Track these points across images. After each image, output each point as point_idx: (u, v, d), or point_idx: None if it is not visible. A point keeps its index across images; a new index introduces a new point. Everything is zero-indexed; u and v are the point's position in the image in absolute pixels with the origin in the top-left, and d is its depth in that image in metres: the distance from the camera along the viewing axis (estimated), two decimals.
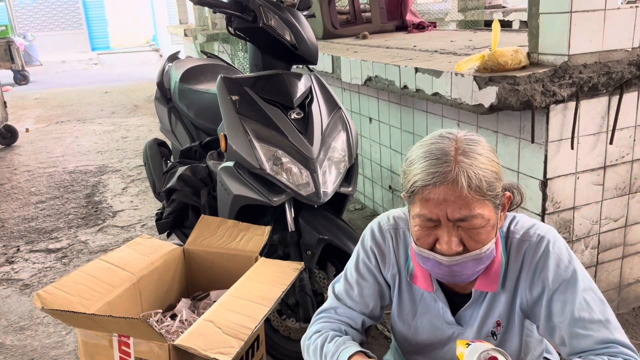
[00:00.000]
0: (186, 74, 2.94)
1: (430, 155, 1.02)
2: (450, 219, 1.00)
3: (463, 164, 0.99)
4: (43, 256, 3.27)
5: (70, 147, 5.91)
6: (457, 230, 1.02)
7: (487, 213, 1.01)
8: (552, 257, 1.10)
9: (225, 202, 2.04)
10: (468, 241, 1.02)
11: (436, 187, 0.99)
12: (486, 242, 1.03)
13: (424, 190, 1.01)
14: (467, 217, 1.00)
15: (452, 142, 1.02)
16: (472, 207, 0.99)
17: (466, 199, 0.98)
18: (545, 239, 1.11)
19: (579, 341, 1.07)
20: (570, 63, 1.85)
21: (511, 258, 1.14)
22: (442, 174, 0.98)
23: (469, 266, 1.05)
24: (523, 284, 1.13)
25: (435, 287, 1.19)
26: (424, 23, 4.25)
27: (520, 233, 1.14)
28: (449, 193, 0.98)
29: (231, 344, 1.34)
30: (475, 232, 1.02)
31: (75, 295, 1.53)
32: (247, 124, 1.95)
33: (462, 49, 2.73)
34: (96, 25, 18.71)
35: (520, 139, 2.05)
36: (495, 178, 1.02)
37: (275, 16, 2.04)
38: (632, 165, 2.13)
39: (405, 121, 2.89)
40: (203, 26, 7.93)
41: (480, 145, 1.04)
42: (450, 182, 0.98)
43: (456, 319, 1.20)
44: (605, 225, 2.15)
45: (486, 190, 1.00)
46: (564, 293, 1.08)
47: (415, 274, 1.21)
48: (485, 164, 1.01)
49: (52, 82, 11.48)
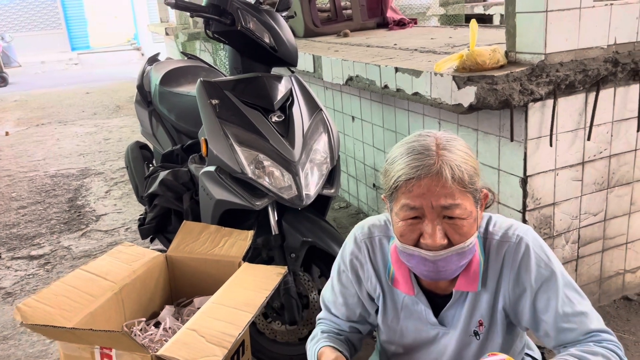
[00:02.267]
0: (166, 77, 2.92)
1: (413, 151, 1.04)
2: (435, 207, 1.02)
3: (445, 157, 1.02)
4: (25, 263, 3.23)
5: (51, 150, 5.84)
6: (441, 223, 1.04)
7: (468, 205, 1.04)
8: (532, 257, 1.13)
9: (208, 207, 2.03)
10: (452, 234, 1.04)
11: (420, 179, 1.01)
12: (469, 236, 1.05)
13: (407, 184, 1.03)
14: (451, 206, 1.02)
15: (432, 139, 1.06)
16: (455, 197, 1.02)
17: (450, 190, 1.01)
18: (524, 240, 1.14)
19: (565, 335, 1.12)
20: (547, 61, 1.87)
21: (491, 258, 1.16)
22: (426, 166, 1.01)
23: (453, 261, 1.06)
24: (505, 284, 1.15)
25: (416, 290, 1.19)
26: (405, 20, 4.26)
27: (499, 234, 1.16)
28: (433, 184, 1.01)
29: (215, 353, 1.34)
30: (459, 224, 1.04)
31: (56, 307, 1.51)
32: (227, 128, 1.94)
33: (441, 47, 2.74)
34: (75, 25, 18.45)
35: (500, 137, 2.07)
36: (474, 172, 1.06)
37: (253, 19, 2.03)
38: (609, 161, 2.16)
39: (387, 119, 2.90)
40: (184, 25, 7.87)
41: (458, 142, 1.08)
42: (434, 174, 1.01)
43: (439, 319, 1.21)
44: (584, 220, 2.18)
45: (467, 182, 1.03)
46: (547, 291, 1.12)
47: (396, 278, 1.22)
48: (465, 158, 1.05)
49: (31, 84, 11.32)
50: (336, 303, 1.33)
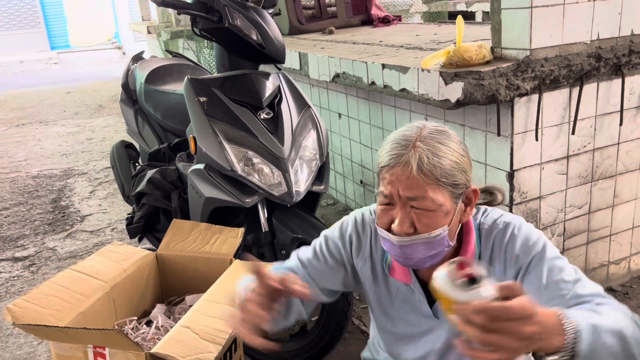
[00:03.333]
0: (151, 75, 2.89)
1: (394, 141, 1.09)
2: (401, 196, 1.06)
3: (419, 148, 1.05)
4: (10, 265, 3.18)
5: (33, 150, 5.76)
6: (409, 212, 1.06)
7: (440, 199, 1.05)
8: (519, 237, 1.14)
9: (197, 205, 2.02)
10: (418, 223, 1.06)
11: (392, 168, 1.06)
12: (436, 227, 1.06)
13: (382, 170, 1.08)
14: (417, 198, 1.05)
15: (417, 130, 1.09)
16: (422, 189, 1.04)
17: (415, 180, 1.04)
18: (511, 224, 1.16)
19: (560, 300, 1.08)
20: (532, 57, 1.90)
21: (482, 247, 1.18)
22: (398, 156, 1.06)
23: (420, 250, 1.08)
24: (497, 270, 1.16)
25: (413, 279, 1.21)
26: (389, 17, 4.28)
27: (488, 223, 1.19)
28: (400, 174, 1.05)
29: (209, 349, 1.34)
30: (426, 215, 1.06)
31: (47, 307, 1.50)
32: (216, 125, 1.94)
33: (427, 44, 2.76)
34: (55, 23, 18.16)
35: (487, 132, 2.10)
36: (455, 168, 1.06)
37: (240, 16, 2.02)
38: (593, 154, 2.20)
39: (374, 116, 2.92)
40: (166, 23, 7.81)
41: (445, 135, 1.09)
42: (402, 163, 1.05)
43: (433, 310, 1.23)
44: (570, 212, 2.22)
45: (440, 176, 1.04)
46: (537, 265, 1.11)
47: (393, 267, 1.23)
48: (444, 152, 1.06)
49: (10, 84, 11.13)
50: (313, 264, 1.30)
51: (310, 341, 2.03)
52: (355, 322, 2.35)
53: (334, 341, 2.02)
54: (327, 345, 2.01)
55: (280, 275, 1.05)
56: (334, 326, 1.99)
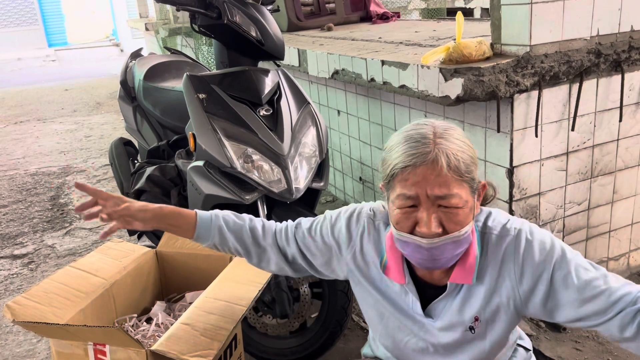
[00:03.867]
0: (150, 72, 2.89)
1: (410, 140, 1.05)
2: (430, 196, 1.02)
3: (442, 145, 1.03)
4: (9, 263, 3.18)
5: (31, 148, 5.75)
6: (436, 211, 1.04)
7: (464, 194, 1.04)
8: (535, 244, 1.12)
9: (197, 202, 2.02)
10: (447, 223, 1.04)
11: (416, 167, 1.02)
12: (464, 225, 1.05)
13: (403, 172, 1.03)
14: (446, 196, 1.02)
15: (430, 127, 1.07)
16: (450, 186, 1.02)
17: (445, 178, 1.01)
18: (523, 231, 1.14)
19: (594, 302, 1.07)
20: (532, 53, 1.89)
21: (489, 253, 1.15)
22: (422, 154, 1.02)
23: (448, 249, 1.06)
24: (510, 279, 1.14)
25: (407, 280, 1.19)
26: (388, 13, 4.28)
27: (497, 229, 1.16)
28: (428, 173, 1.01)
29: (209, 346, 1.34)
30: (454, 213, 1.04)
31: (47, 305, 1.50)
32: (215, 122, 1.93)
33: (426, 40, 2.76)
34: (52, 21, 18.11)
35: (486, 128, 2.10)
36: (472, 162, 1.06)
37: (239, 12, 2.02)
38: (592, 150, 2.20)
39: (373, 113, 2.91)
40: (164, 20, 7.79)
41: (456, 131, 1.08)
42: (430, 162, 1.01)
43: (426, 311, 1.21)
44: (569, 209, 2.22)
45: (464, 171, 1.03)
46: (563, 268, 1.09)
47: (389, 266, 1.21)
48: (462, 147, 1.05)
49: (8, 81, 11.10)
50: (304, 233, 1.32)
51: (310, 338, 2.03)
52: (355, 318, 2.35)
53: (333, 338, 2.02)
54: (327, 341, 2.02)
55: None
56: (334, 323, 1.99)
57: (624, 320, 1.05)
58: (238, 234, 1.33)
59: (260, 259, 1.35)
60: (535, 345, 2.02)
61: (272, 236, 1.35)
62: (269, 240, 1.34)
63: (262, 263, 1.36)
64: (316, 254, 1.31)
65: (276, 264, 1.35)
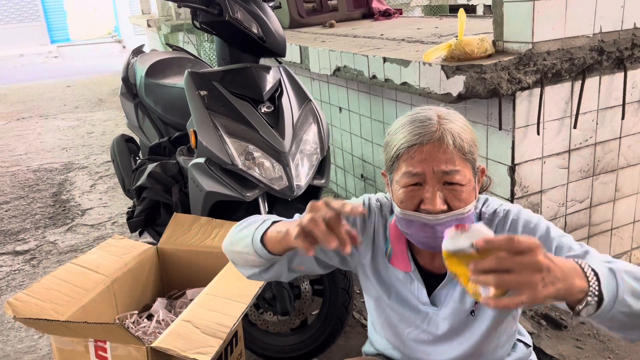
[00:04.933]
0: (152, 68, 2.88)
1: (415, 121, 1.08)
2: (436, 172, 1.05)
3: (446, 125, 1.06)
4: (10, 259, 3.19)
5: (33, 144, 5.75)
6: (441, 189, 1.06)
7: (467, 173, 1.08)
8: (520, 223, 1.15)
9: (198, 199, 2.02)
10: (451, 200, 1.07)
11: (422, 145, 1.05)
12: (468, 202, 1.08)
13: (409, 150, 1.06)
14: (452, 171, 1.05)
15: (433, 111, 1.11)
16: (456, 162, 1.05)
17: (451, 155, 1.05)
18: (511, 212, 1.17)
19: None
20: (535, 50, 1.89)
21: None
22: (429, 133, 1.05)
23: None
24: None
25: (412, 267, 1.21)
26: (390, 10, 4.26)
27: (489, 213, 1.20)
28: (435, 150, 1.04)
29: (210, 343, 1.34)
30: (459, 191, 1.06)
31: (48, 301, 1.50)
32: (217, 119, 1.93)
33: (428, 37, 2.75)
34: (55, 17, 18.09)
35: (488, 126, 2.09)
36: (473, 143, 1.10)
37: (241, 9, 2.01)
38: (595, 148, 2.19)
39: (374, 110, 2.91)
40: (166, 16, 7.78)
41: (458, 115, 1.12)
42: (436, 140, 1.05)
43: (431, 299, 1.23)
44: (571, 207, 2.22)
45: (467, 151, 1.07)
46: (544, 245, 1.06)
47: (394, 255, 1.23)
48: (464, 129, 1.09)
49: (10, 77, 11.11)
50: None
51: (311, 335, 2.03)
52: (356, 316, 2.35)
53: (334, 335, 2.02)
54: (328, 339, 2.02)
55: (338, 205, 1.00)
56: (335, 320, 1.99)
57: None
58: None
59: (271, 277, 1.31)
60: (536, 343, 2.02)
61: None
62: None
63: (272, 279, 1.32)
64: (330, 253, 1.30)
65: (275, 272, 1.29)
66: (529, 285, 0.79)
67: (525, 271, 0.79)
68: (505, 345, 1.31)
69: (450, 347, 1.25)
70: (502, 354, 1.31)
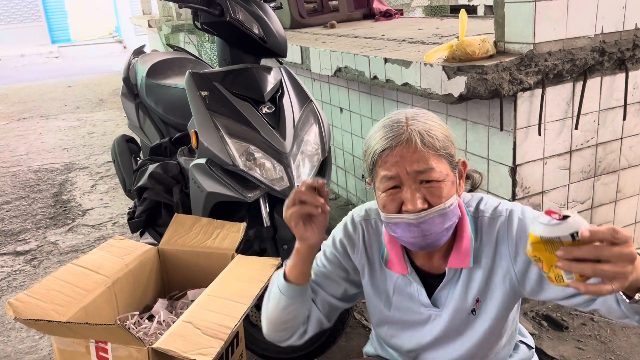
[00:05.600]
0: (153, 69, 2.88)
1: (385, 127, 1.11)
2: (409, 172, 1.07)
3: (414, 126, 1.09)
4: (11, 259, 3.19)
5: (34, 144, 5.76)
6: (419, 189, 1.08)
7: (444, 169, 1.09)
8: (527, 220, 1.15)
9: (199, 200, 2.02)
10: (431, 197, 1.08)
11: (393, 149, 1.08)
12: (448, 197, 1.09)
13: (382, 155, 1.09)
14: (425, 170, 1.07)
15: (402, 114, 1.14)
16: (428, 161, 1.07)
17: (421, 154, 1.07)
18: (515, 212, 1.18)
19: None
20: (536, 51, 1.88)
21: (483, 235, 1.18)
22: (397, 136, 1.08)
23: (436, 223, 1.09)
24: (505, 259, 1.16)
25: (410, 270, 1.22)
26: (391, 11, 4.26)
27: (489, 212, 1.20)
28: (405, 151, 1.07)
29: (211, 344, 1.33)
30: (437, 187, 1.08)
31: (49, 302, 1.50)
32: (217, 120, 1.93)
33: (430, 38, 2.75)
34: (55, 17, 18.09)
35: (490, 126, 2.09)
36: (446, 139, 1.11)
37: (242, 9, 2.01)
38: (596, 149, 2.19)
39: (375, 111, 2.90)
40: (167, 17, 7.78)
41: (427, 114, 1.14)
42: (405, 141, 1.07)
43: (432, 301, 1.23)
44: (572, 207, 2.21)
45: (439, 147, 1.08)
46: None
47: (390, 259, 1.24)
48: (434, 127, 1.11)
49: (11, 77, 11.12)
50: (318, 270, 1.32)
51: (312, 336, 2.02)
52: (357, 316, 2.35)
53: (335, 336, 2.02)
54: (329, 339, 2.01)
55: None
56: (336, 321, 1.99)
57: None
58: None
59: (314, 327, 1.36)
60: (537, 344, 2.02)
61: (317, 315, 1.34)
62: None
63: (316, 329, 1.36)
64: (339, 281, 1.31)
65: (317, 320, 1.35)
66: (622, 275, 0.82)
67: (621, 262, 0.81)
68: (506, 346, 1.31)
69: (452, 348, 1.25)
70: (504, 355, 1.31)
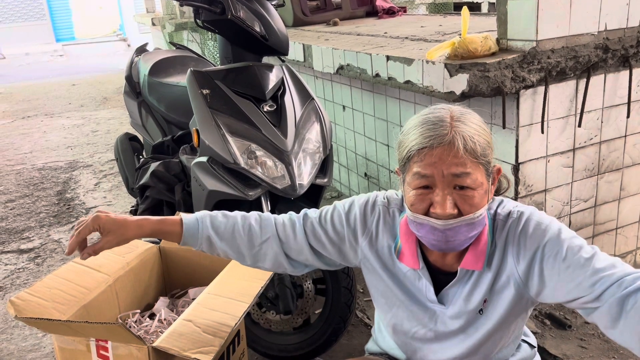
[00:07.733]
0: (155, 67, 2.88)
1: (427, 123, 1.07)
2: (445, 175, 1.04)
3: (459, 128, 1.05)
4: (15, 257, 3.20)
5: (38, 142, 5.77)
6: (451, 193, 1.06)
7: (479, 177, 1.06)
8: (532, 223, 1.14)
9: (200, 198, 2.02)
10: (462, 205, 1.06)
11: (433, 149, 1.04)
12: (479, 207, 1.07)
13: (420, 153, 1.06)
14: (462, 174, 1.04)
15: (447, 111, 1.09)
16: (467, 166, 1.04)
17: (462, 159, 1.03)
18: (525, 213, 1.16)
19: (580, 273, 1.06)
20: (539, 48, 1.87)
21: (496, 238, 1.17)
22: (440, 136, 1.04)
23: (462, 231, 1.07)
24: (510, 260, 1.15)
25: (421, 265, 1.20)
26: (394, 8, 4.25)
27: (504, 214, 1.19)
28: (445, 154, 1.03)
29: (212, 343, 1.33)
30: (469, 195, 1.05)
31: (50, 300, 1.50)
32: (219, 118, 1.93)
33: (432, 35, 2.73)
34: (60, 15, 18.15)
35: (492, 124, 2.08)
36: (487, 145, 1.08)
37: (243, 7, 2.01)
38: (599, 147, 2.17)
39: (378, 108, 2.90)
40: (171, 15, 7.78)
41: (473, 115, 1.11)
42: (447, 143, 1.03)
43: (439, 297, 1.22)
44: (575, 206, 2.20)
45: (480, 154, 1.05)
46: (555, 245, 1.10)
47: (403, 251, 1.22)
48: (478, 131, 1.07)
49: (16, 76, 11.16)
50: (313, 224, 1.31)
51: (314, 334, 2.03)
52: (359, 315, 2.35)
53: (337, 334, 2.02)
54: (331, 338, 2.01)
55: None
56: (337, 319, 1.99)
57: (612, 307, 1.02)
58: (229, 240, 1.30)
59: (256, 259, 1.33)
60: (540, 343, 2.01)
61: (273, 229, 1.32)
62: (268, 235, 1.31)
63: (257, 263, 1.34)
64: (326, 243, 1.30)
65: (273, 260, 1.32)
66: None
67: None
68: (510, 346, 1.30)
69: (454, 345, 1.24)
70: (506, 354, 1.30)
